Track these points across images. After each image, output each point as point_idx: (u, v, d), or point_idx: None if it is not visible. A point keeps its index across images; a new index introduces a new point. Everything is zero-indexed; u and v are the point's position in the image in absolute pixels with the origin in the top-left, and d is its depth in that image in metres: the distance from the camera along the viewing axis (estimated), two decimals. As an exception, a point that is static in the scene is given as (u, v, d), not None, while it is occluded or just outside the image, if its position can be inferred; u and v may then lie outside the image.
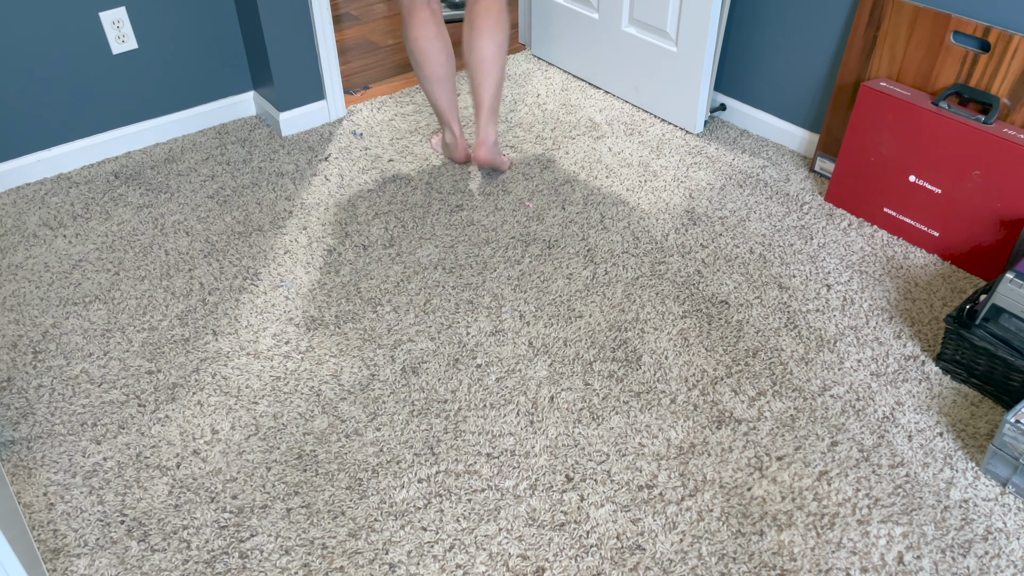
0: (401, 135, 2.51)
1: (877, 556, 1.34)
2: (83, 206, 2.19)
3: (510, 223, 2.12)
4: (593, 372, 1.68)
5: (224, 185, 2.28)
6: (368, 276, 1.94)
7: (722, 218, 2.14)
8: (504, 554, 1.34)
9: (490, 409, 1.60)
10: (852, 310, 1.84)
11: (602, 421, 1.58)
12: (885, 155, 2.01)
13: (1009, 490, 1.44)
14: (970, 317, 1.63)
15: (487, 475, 1.47)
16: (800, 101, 2.35)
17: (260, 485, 1.46)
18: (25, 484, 1.46)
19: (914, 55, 1.98)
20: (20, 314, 1.84)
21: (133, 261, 1.99)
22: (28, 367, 1.70)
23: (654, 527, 1.39)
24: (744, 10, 2.38)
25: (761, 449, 1.52)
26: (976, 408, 1.60)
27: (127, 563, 1.34)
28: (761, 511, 1.41)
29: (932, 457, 1.50)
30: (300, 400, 1.62)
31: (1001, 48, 1.82)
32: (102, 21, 2.22)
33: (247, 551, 1.35)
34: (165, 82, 2.41)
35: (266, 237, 2.08)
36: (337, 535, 1.38)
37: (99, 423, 1.58)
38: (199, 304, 1.86)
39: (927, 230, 1.99)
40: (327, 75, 2.51)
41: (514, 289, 1.90)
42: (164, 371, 1.69)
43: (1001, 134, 1.79)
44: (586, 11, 2.67)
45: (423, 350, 1.74)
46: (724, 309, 1.84)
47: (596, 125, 2.56)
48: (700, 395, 1.63)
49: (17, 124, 2.22)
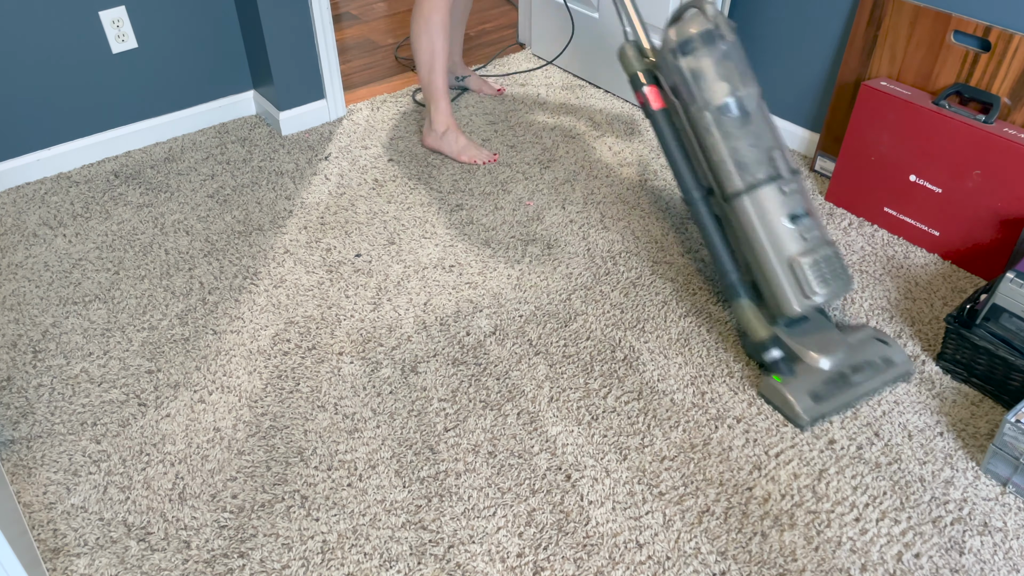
0: (401, 135, 2.51)
1: (876, 555, 1.34)
2: (83, 205, 2.19)
3: (510, 223, 2.12)
4: (593, 371, 1.68)
5: (224, 184, 2.28)
6: (368, 276, 1.94)
7: (722, 217, 2.14)
8: (504, 554, 1.34)
9: (490, 408, 1.60)
10: (852, 310, 1.84)
11: (602, 420, 1.58)
12: (885, 154, 2.01)
13: (1009, 490, 1.44)
14: (970, 317, 1.63)
15: (487, 475, 1.47)
16: (800, 100, 2.35)
17: (261, 484, 1.46)
18: (25, 484, 1.46)
19: (915, 54, 1.98)
20: (20, 313, 1.84)
21: (133, 260, 1.99)
22: (28, 366, 1.70)
23: (654, 527, 1.39)
24: (744, 9, 2.38)
25: (761, 448, 1.52)
26: (976, 408, 1.60)
27: (127, 563, 1.34)
28: (761, 510, 1.41)
29: (932, 456, 1.50)
30: (300, 399, 1.62)
31: (1002, 47, 1.82)
32: (102, 20, 2.22)
33: (247, 551, 1.35)
34: (165, 81, 2.41)
35: (266, 236, 2.08)
36: (338, 534, 1.38)
37: (99, 422, 1.58)
38: (199, 303, 1.86)
39: (927, 229, 1.99)
40: (327, 74, 2.51)
41: (514, 289, 1.90)
42: (164, 370, 1.69)
43: (1002, 134, 1.79)
44: (586, 11, 2.67)
45: (423, 349, 1.74)
46: (724, 308, 1.84)
47: (596, 125, 2.56)
48: (700, 394, 1.63)
49: (17, 123, 2.22)
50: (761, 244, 1.59)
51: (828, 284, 1.57)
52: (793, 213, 1.57)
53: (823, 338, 1.63)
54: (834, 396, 1.57)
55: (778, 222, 1.57)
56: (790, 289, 1.58)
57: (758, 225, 1.59)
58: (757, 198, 1.58)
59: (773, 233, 1.58)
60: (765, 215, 1.58)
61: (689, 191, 1.70)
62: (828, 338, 1.63)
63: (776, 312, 1.62)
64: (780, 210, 1.57)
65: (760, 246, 1.59)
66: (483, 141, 2.47)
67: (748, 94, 1.60)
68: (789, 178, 1.59)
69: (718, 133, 1.59)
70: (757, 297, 1.67)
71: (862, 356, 1.62)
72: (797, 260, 1.56)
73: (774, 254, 1.58)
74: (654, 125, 1.71)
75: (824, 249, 1.58)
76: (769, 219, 1.58)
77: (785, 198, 1.58)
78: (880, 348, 1.64)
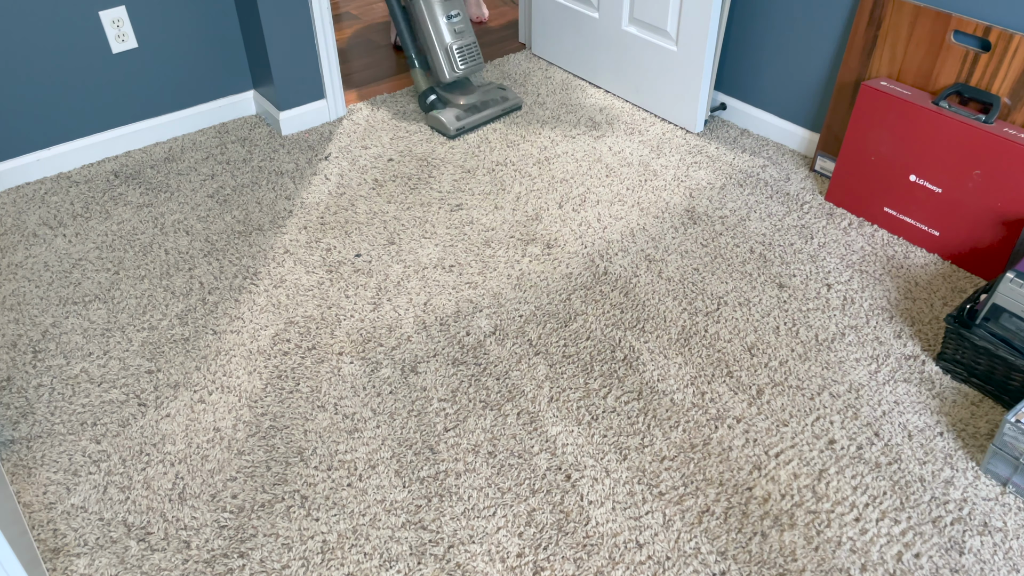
0: (401, 135, 2.51)
1: (876, 555, 1.34)
2: (83, 205, 2.19)
3: (510, 223, 2.12)
4: (593, 371, 1.68)
5: (224, 184, 2.28)
6: (368, 276, 1.94)
7: (722, 217, 2.14)
8: (504, 554, 1.34)
9: (490, 408, 1.60)
10: (852, 309, 1.84)
11: (602, 420, 1.58)
12: (885, 154, 2.01)
13: (1009, 490, 1.44)
14: (970, 317, 1.63)
15: (487, 475, 1.47)
16: (801, 100, 2.35)
17: (261, 484, 1.46)
18: (25, 484, 1.46)
19: (914, 54, 1.98)
20: (20, 313, 1.84)
21: (133, 260, 1.99)
22: (28, 366, 1.70)
23: (654, 527, 1.39)
24: (744, 9, 2.37)
25: (760, 448, 1.52)
26: (976, 408, 1.60)
27: (127, 563, 1.34)
28: (761, 510, 1.41)
29: (932, 456, 1.50)
30: (300, 399, 1.62)
31: (1002, 47, 1.82)
32: (102, 20, 2.22)
33: (247, 551, 1.35)
34: (165, 81, 2.41)
35: (266, 236, 2.08)
36: (338, 534, 1.38)
37: (99, 422, 1.58)
38: (199, 303, 1.86)
39: (927, 229, 1.99)
40: (327, 74, 2.51)
41: (514, 289, 1.90)
42: (164, 370, 1.69)
43: (1002, 133, 1.79)
44: (586, 10, 2.67)
45: (423, 349, 1.74)
46: (724, 308, 1.84)
47: (596, 124, 2.56)
48: (700, 394, 1.63)
49: (17, 123, 2.22)
50: (428, 32, 2.41)
51: (468, 63, 2.47)
52: (450, 13, 2.39)
53: (464, 90, 2.53)
54: (469, 116, 2.46)
55: (440, 18, 2.40)
56: (444, 64, 2.44)
57: (428, 18, 2.40)
58: None
59: (436, 26, 2.41)
60: (432, 12, 2.40)
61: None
62: (467, 89, 2.53)
63: (437, 78, 2.49)
64: (441, 9, 2.40)
65: (428, 33, 2.41)
66: (483, 140, 2.47)
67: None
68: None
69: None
70: (426, 67, 2.53)
71: (488, 96, 2.54)
72: (450, 45, 2.41)
73: (436, 40, 2.41)
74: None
75: (467, 38, 2.45)
76: (435, 15, 2.40)
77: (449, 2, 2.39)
78: (500, 92, 2.57)
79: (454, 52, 2.40)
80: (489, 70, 2.90)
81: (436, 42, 2.39)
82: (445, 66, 2.41)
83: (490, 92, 2.54)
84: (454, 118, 2.42)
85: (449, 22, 2.38)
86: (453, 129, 2.40)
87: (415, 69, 2.50)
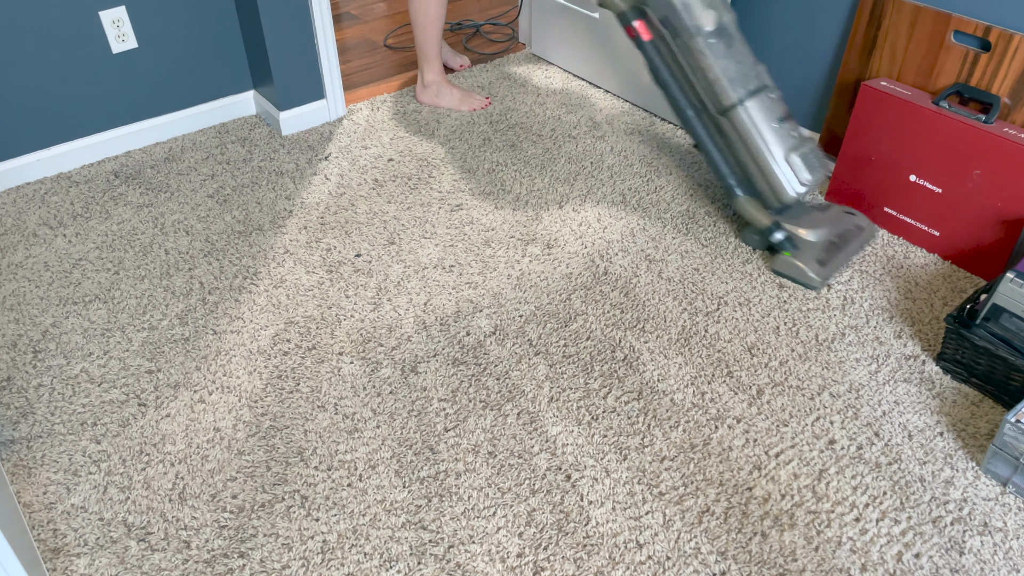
0: (401, 135, 2.51)
1: (876, 555, 1.34)
2: (83, 205, 2.19)
3: (510, 223, 2.12)
4: (593, 371, 1.68)
5: (224, 184, 2.28)
6: (368, 276, 1.95)
7: (723, 217, 2.14)
8: (504, 554, 1.34)
9: (490, 408, 1.60)
10: (852, 309, 1.84)
11: (602, 420, 1.58)
12: (885, 154, 2.01)
13: (1009, 490, 1.44)
14: (970, 317, 1.63)
15: (487, 475, 1.47)
16: (800, 100, 2.35)
17: (261, 484, 1.46)
18: (25, 484, 1.46)
19: (915, 54, 1.98)
20: (20, 313, 1.84)
21: (133, 260, 2.00)
22: (28, 366, 1.70)
23: (654, 527, 1.39)
24: (744, 9, 2.38)
25: (760, 448, 1.52)
26: (976, 408, 1.60)
27: (127, 563, 1.34)
28: (761, 510, 1.41)
29: (932, 456, 1.50)
30: (300, 399, 1.63)
31: (1002, 47, 1.82)
32: (102, 20, 2.22)
33: (247, 551, 1.35)
34: (165, 81, 2.41)
35: (266, 236, 2.08)
36: (337, 534, 1.38)
37: (99, 422, 1.58)
38: (199, 303, 1.86)
39: (927, 229, 1.99)
40: (327, 74, 2.51)
41: (514, 289, 1.90)
42: (164, 370, 1.69)
43: (1002, 133, 1.79)
44: (586, 10, 2.67)
45: (423, 349, 1.74)
46: (724, 308, 1.84)
47: (597, 125, 2.56)
48: (700, 394, 1.63)
49: (17, 124, 2.22)
50: (758, 145, 1.87)
51: (815, 171, 1.91)
52: (780, 117, 1.89)
53: (808, 218, 1.95)
54: (833, 260, 1.91)
55: (770, 125, 1.87)
56: (785, 179, 1.88)
57: (753, 130, 1.87)
58: (750, 107, 1.86)
59: (768, 135, 1.87)
60: (759, 121, 1.87)
61: (683, 110, 1.96)
62: (812, 217, 1.96)
63: (773, 201, 1.92)
64: (771, 115, 1.88)
65: (757, 147, 1.88)
66: (483, 140, 2.47)
67: (731, 19, 1.86)
68: (772, 87, 1.90)
69: (710, 55, 1.83)
70: (751, 193, 1.97)
71: (842, 226, 1.97)
72: (790, 154, 1.88)
73: (770, 152, 1.87)
74: (646, 55, 1.94)
75: (807, 144, 1.92)
76: (763, 123, 1.87)
77: (773, 104, 1.88)
78: (851, 218, 2.01)
79: (795, 161, 1.87)
80: (489, 70, 2.90)
81: (770, 156, 1.87)
82: (785, 183, 1.87)
83: (839, 217, 2.00)
84: (817, 265, 1.88)
85: (781, 126, 1.88)
86: (820, 280, 1.87)
87: (739, 199, 1.96)
